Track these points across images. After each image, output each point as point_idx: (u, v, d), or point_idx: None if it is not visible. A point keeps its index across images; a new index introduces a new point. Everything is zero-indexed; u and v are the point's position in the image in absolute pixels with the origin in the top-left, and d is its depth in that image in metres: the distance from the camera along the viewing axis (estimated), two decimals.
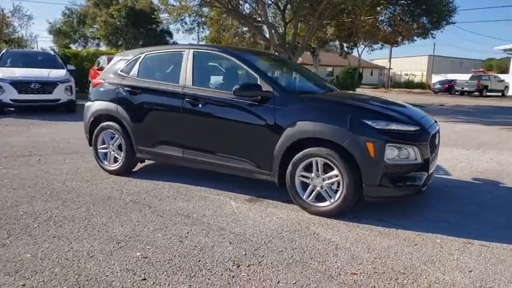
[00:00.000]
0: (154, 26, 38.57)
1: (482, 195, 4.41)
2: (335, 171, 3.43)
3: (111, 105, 4.61)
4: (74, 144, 6.43)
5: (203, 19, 19.83)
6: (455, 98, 26.70)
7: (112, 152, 4.72)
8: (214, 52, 4.48)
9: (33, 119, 9.16)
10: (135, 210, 3.62)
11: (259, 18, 17.87)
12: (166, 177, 4.61)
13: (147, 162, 5.15)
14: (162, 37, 40.05)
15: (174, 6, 16.79)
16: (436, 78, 36.88)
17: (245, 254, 2.81)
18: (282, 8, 17.50)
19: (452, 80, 31.73)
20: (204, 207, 3.73)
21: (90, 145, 4.91)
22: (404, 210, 3.78)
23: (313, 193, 3.58)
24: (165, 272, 2.54)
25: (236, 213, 3.60)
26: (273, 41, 16.40)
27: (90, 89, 14.02)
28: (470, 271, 2.66)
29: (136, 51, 4.82)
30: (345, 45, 27.95)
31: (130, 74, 4.63)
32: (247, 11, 18.91)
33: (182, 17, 17.80)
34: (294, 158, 3.58)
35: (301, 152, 3.54)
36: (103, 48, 35.60)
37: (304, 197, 3.61)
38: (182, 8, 16.51)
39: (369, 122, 3.34)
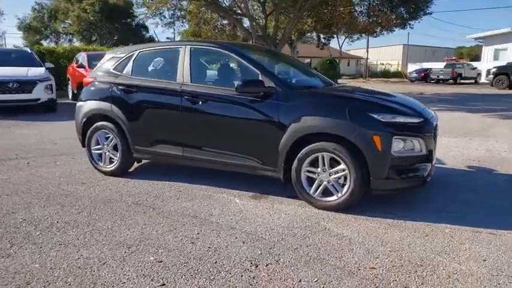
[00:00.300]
0: (129, 20, 37.87)
1: (479, 182, 4.51)
2: (342, 166, 3.42)
3: (105, 105, 4.46)
4: (61, 145, 6.22)
5: (182, 13, 19.52)
6: (431, 86, 27.29)
7: (107, 153, 4.58)
8: (211, 48, 4.38)
9: (14, 119, 8.81)
10: (139, 212, 3.53)
11: (239, 11, 17.70)
12: (164, 177, 4.51)
13: (141, 161, 5.03)
14: (137, 31, 39.32)
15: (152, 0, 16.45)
16: (412, 68, 37.63)
17: (261, 253, 2.78)
18: (262, 1, 17.37)
19: (428, 69, 32.49)
20: (210, 206, 3.67)
21: (83, 146, 4.75)
22: (406, 202, 3.81)
23: (320, 188, 3.56)
24: (183, 276, 2.48)
25: (243, 211, 3.56)
26: (254, 34, 16.28)
27: (69, 86, 13.75)
28: (485, 260, 2.71)
29: (129, 49, 4.68)
30: (321, 36, 28.08)
31: (124, 72, 4.48)
32: (227, 4, 18.71)
33: (161, 11, 17.47)
34: (300, 153, 3.55)
35: (307, 147, 3.51)
36: (77, 43, 34.64)
37: (310, 192, 3.59)
38: (161, 1, 16.19)
39: (375, 115, 3.34)
